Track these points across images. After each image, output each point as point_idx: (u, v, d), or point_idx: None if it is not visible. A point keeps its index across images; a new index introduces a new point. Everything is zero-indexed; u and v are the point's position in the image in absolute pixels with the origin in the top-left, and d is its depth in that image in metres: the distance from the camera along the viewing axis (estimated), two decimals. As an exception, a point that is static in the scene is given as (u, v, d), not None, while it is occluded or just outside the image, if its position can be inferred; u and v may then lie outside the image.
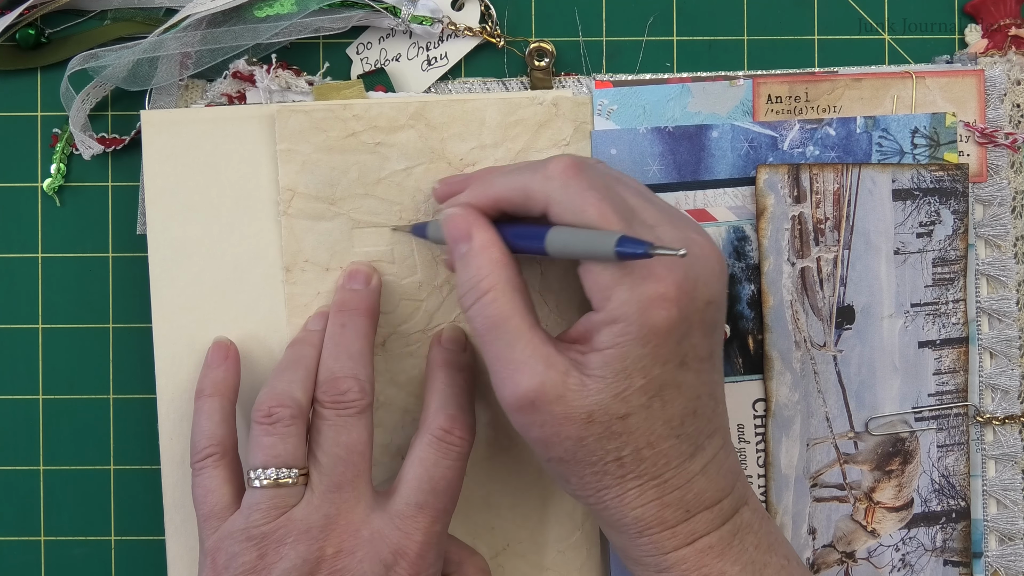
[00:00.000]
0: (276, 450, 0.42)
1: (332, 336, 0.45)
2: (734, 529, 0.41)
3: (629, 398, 0.38)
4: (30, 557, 0.51)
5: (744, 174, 0.49)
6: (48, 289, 0.51)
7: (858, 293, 0.50)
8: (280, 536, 0.41)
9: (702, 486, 0.40)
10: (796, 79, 0.50)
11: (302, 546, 0.41)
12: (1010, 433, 0.51)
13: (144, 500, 0.51)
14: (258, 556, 0.41)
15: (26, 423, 0.51)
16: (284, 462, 0.42)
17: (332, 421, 0.43)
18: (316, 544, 0.41)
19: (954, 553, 0.51)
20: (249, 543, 0.41)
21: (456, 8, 0.51)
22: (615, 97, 0.50)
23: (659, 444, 0.39)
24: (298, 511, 0.42)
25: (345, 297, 0.47)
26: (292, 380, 0.44)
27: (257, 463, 0.42)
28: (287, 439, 0.42)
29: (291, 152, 0.47)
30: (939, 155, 0.50)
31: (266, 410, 0.43)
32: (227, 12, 0.49)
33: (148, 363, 0.48)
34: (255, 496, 0.42)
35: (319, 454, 0.43)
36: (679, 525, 0.40)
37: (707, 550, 0.40)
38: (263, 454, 0.42)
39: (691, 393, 0.39)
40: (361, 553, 0.41)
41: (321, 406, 0.43)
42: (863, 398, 0.50)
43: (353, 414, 0.43)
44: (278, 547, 0.41)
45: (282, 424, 0.43)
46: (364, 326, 0.46)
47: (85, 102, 0.50)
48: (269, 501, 0.42)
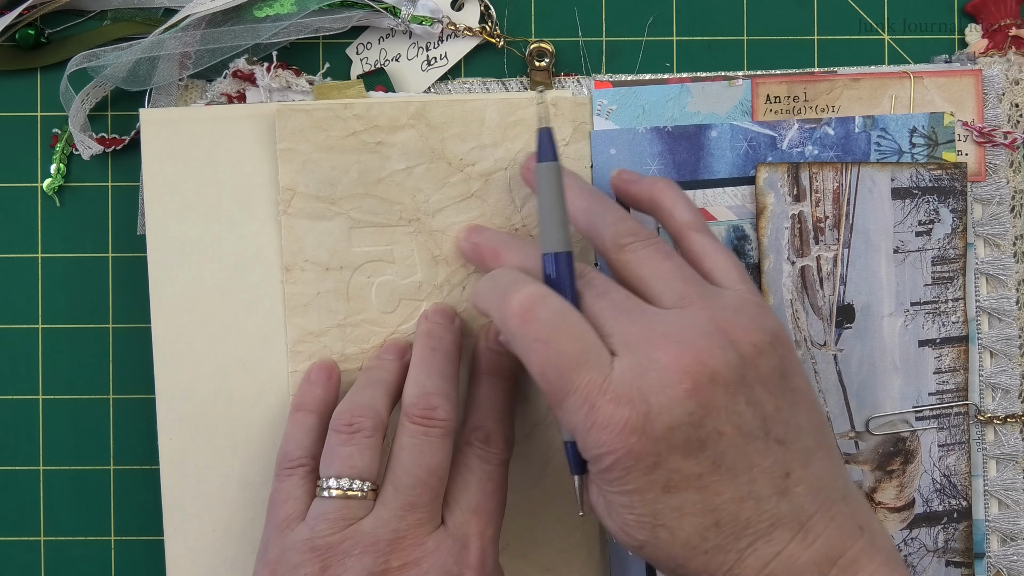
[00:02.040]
0: (353, 461, 0.42)
1: (423, 358, 0.45)
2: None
3: (632, 532, 0.38)
4: (30, 557, 0.51)
5: (743, 173, 0.50)
6: (48, 289, 0.51)
7: (858, 292, 0.50)
8: (346, 548, 0.40)
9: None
10: (794, 79, 0.50)
11: (368, 559, 0.40)
12: (1011, 432, 0.51)
13: (144, 500, 0.51)
14: (321, 568, 0.40)
15: (26, 423, 0.51)
16: (359, 474, 0.41)
17: (417, 440, 0.42)
18: (382, 557, 0.40)
19: (956, 554, 0.50)
20: (312, 554, 0.40)
21: (456, 8, 0.51)
22: (615, 97, 0.50)
23: (689, 565, 0.38)
24: (366, 524, 0.41)
25: (433, 328, 0.46)
26: (374, 395, 0.44)
27: (331, 472, 0.42)
28: (364, 451, 0.42)
29: (291, 151, 0.47)
30: (937, 154, 0.50)
31: (347, 419, 0.42)
32: (227, 12, 0.49)
33: (148, 363, 0.48)
34: (323, 506, 0.41)
35: (399, 470, 0.42)
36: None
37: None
38: (339, 464, 0.42)
39: (699, 509, 0.37)
40: (426, 564, 0.41)
41: (409, 420, 0.42)
42: (863, 397, 0.50)
43: (439, 435, 0.42)
44: (343, 559, 0.40)
45: (362, 435, 0.42)
46: (454, 354, 0.46)
47: (85, 102, 0.50)
48: (337, 512, 0.41)
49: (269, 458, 0.48)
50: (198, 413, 0.48)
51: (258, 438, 0.48)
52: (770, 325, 0.40)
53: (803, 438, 0.39)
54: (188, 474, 0.48)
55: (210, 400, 0.48)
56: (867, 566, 0.38)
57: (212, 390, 0.48)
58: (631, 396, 0.37)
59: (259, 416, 0.48)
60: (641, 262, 0.41)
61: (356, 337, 0.48)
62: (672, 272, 0.40)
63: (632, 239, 0.42)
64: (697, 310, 0.39)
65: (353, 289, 0.48)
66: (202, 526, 0.48)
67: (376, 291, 0.48)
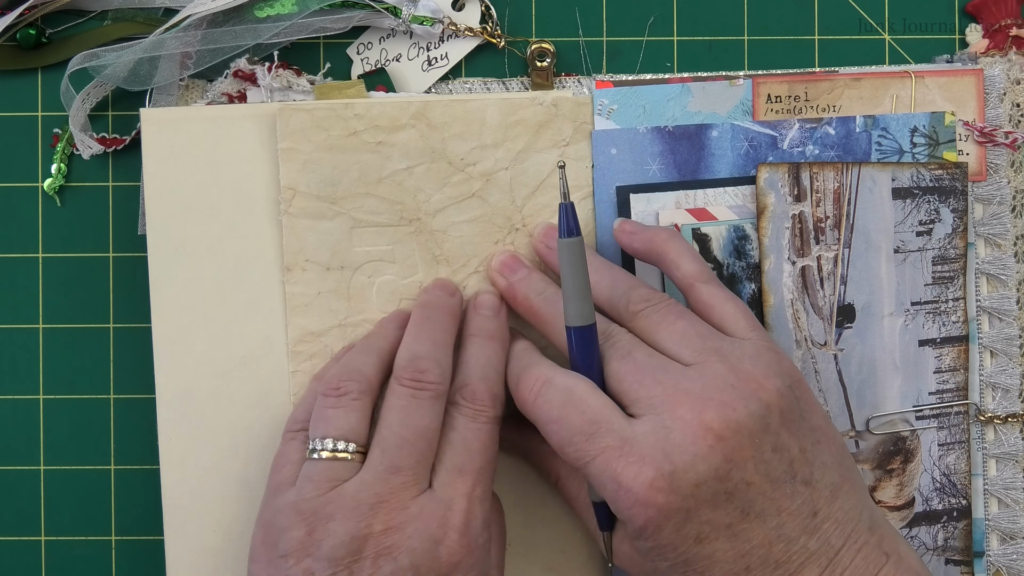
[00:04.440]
0: (339, 422, 0.42)
1: (417, 324, 0.45)
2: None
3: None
4: (30, 557, 0.51)
5: (744, 173, 0.50)
6: (48, 289, 0.51)
7: (858, 292, 0.50)
8: (330, 512, 0.40)
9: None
10: (795, 79, 0.50)
11: (350, 522, 0.40)
12: (1011, 432, 0.51)
13: (144, 500, 0.51)
14: (307, 531, 0.40)
15: (26, 423, 0.51)
16: (344, 435, 0.42)
17: (405, 402, 0.42)
18: (364, 521, 0.40)
19: (956, 552, 0.51)
20: (298, 517, 0.40)
21: (457, 8, 0.51)
22: (615, 97, 0.50)
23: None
24: (349, 486, 0.41)
25: (431, 299, 0.47)
26: (365, 361, 0.44)
27: (317, 433, 0.42)
28: (351, 413, 0.42)
29: (292, 151, 0.47)
30: (938, 154, 0.50)
31: (335, 383, 0.43)
32: (227, 12, 0.49)
33: (148, 363, 0.48)
34: (310, 468, 0.41)
35: (385, 431, 0.42)
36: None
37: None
38: (325, 425, 0.42)
39: (731, 556, 0.39)
40: (410, 528, 0.40)
41: (397, 383, 0.43)
42: (864, 397, 0.50)
43: (428, 397, 0.42)
44: (327, 523, 0.40)
45: (349, 397, 0.42)
46: (449, 323, 0.46)
47: (85, 102, 0.50)
48: (322, 474, 0.41)
49: (269, 458, 0.48)
50: (198, 413, 0.48)
51: (258, 438, 0.48)
52: (786, 369, 0.41)
53: (828, 475, 0.40)
54: (188, 474, 0.48)
55: (210, 400, 0.48)
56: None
57: (212, 390, 0.48)
58: (655, 457, 0.38)
59: (259, 416, 0.48)
60: (656, 326, 0.43)
61: (357, 337, 0.48)
62: (686, 330, 0.42)
63: (644, 305, 0.43)
64: (715, 363, 0.41)
65: (354, 289, 0.48)
66: (202, 526, 0.48)
67: (377, 291, 0.48)
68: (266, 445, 0.48)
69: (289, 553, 0.40)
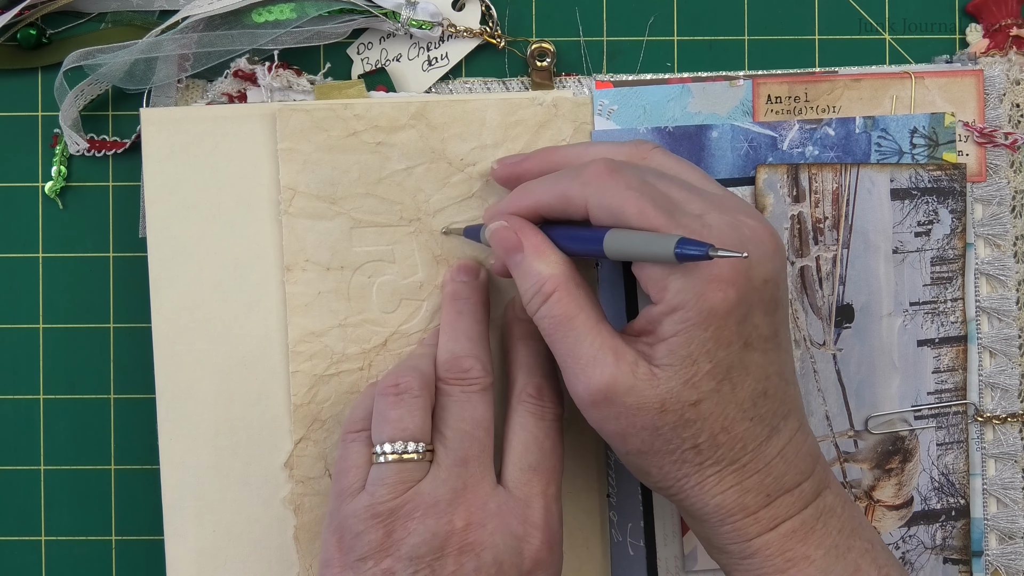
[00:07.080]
0: (404, 423, 0.42)
1: (449, 322, 0.46)
2: (816, 513, 0.41)
3: (699, 384, 0.39)
4: (30, 557, 0.51)
5: (744, 174, 0.50)
6: (48, 289, 0.51)
7: (857, 292, 0.50)
8: (408, 511, 0.40)
9: (781, 469, 0.40)
10: (795, 79, 0.50)
11: (431, 520, 0.40)
12: (1010, 432, 0.51)
13: (144, 500, 0.51)
14: (385, 534, 0.40)
15: (26, 423, 0.51)
16: (411, 435, 0.41)
17: (456, 397, 0.43)
18: (445, 517, 0.40)
19: (954, 551, 0.51)
20: (375, 520, 0.40)
21: (457, 9, 0.51)
22: (615, 97, 0.50)
23: (733, 428, 0.39)
24: (425, 485, 0.41)
25: (457, 288, 0.47)
26: (420, 359, 0.45)
27: (383, 437, 0.42)
28: (414, 412, 0.42)
29: (292, 151, 0.47)
30: (938, 155, 0.50)
31: (392, 381, 0.43)
32: (225, 16, 0.49)
33: (148, 363, 0.48)
34: (380, 472, 0.41)
35: (444, 430, 0.42)
36: (761, 511, 0.40)
37: (790, 534, 0.40)
38: (390, 427, 0.42)
39: (760, 374, 0.39)
40: (491, 525, 0.40)
41: (445, 383, 0.43)
42: (863, 396, 0.50)
43: (477, 391, 0.43)
44: (406, 522, 0.40)
45: (409, 395, 0.42)
46: (480, 313, 0.46)
47: (79, 98, 0.50)
48: (395, 476, 0.41)
49: (269, 458, 0.48)
50: (198, 413, 0.48)
51: (258, 438, 0.48)
52: None
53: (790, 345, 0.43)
54: (188, 474, 0.48)
55: (210, 400, 0.48)
56: (833, 483, 0.42)
57: (212, 390, 0.48)
58: (731, 243, 0.38)
59: (259, 416, 0.48)
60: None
61: (357, 337, 0.48)
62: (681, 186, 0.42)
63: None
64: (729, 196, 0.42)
65: (354, 289, 0.48)
66: (202, 526, 0.48)
67: (377, 291, 0.48)
68: (266, 445, 0.48)
69: (368, 556, 0.40)
